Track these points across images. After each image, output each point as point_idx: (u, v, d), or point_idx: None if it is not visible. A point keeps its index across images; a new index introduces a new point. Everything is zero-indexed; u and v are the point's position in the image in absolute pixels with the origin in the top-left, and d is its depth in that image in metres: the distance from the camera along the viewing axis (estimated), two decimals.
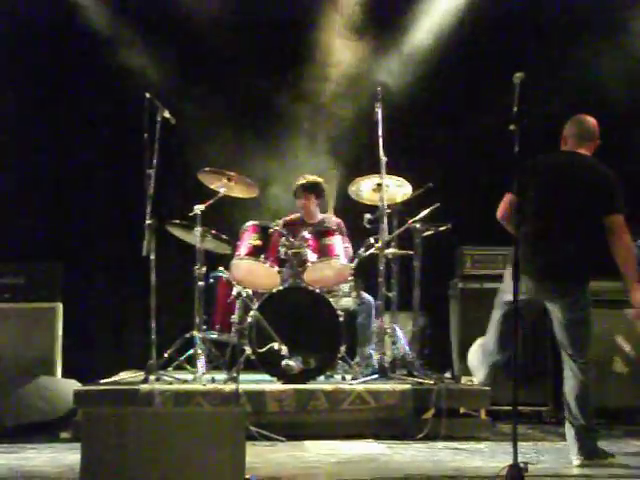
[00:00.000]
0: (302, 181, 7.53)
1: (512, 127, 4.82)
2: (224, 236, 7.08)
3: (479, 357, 5.61)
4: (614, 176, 5.37)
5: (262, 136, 8.45)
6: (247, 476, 4.20)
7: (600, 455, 5.30)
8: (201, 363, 6.70)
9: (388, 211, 6.89)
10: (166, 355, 6.83)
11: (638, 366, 7.23)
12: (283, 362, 6.46)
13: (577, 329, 5.38)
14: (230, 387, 6.20)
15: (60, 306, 7.22)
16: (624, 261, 5.32)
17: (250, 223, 7.04)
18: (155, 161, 6.69)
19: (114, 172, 8.12)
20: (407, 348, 6.94)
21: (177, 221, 7.02)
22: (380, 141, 6.84)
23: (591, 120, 5.55)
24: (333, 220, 7.60)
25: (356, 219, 7.23)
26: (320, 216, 7.67)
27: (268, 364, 6.58)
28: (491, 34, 8.31)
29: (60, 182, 8.22)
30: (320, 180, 7.53)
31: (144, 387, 6.27)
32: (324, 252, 6.92)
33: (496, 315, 5.52)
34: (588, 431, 5.29)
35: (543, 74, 7.91)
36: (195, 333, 6.83)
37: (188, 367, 6.89)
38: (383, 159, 6.82)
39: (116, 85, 8.16)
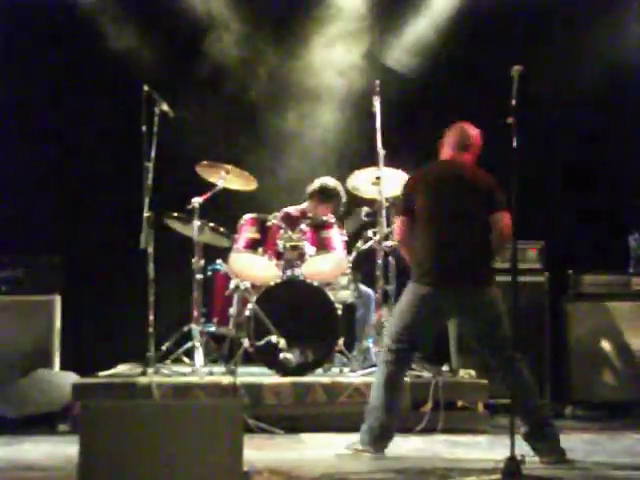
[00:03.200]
0: (325, 185, 7.41)
1: (510, 120, 4.82)
2: (222, 229, 7.07)
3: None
4: (492, 177, 5.41)
5: (260, 129, 8.44)
6: (245, 468, 4.21)
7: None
8: (199, 356, 6.70)
9: (386, 204, 6.89)
10: (164, 348, 6.84)
11: (632, 358, 7.26)
12: (281, 355, 6.47)
13: (497, 325, 5.28)
14: (228, 380, 6.21)
15: (58, 299, 7.22)
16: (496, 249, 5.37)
17: (248, 216, 7.04)
18: (153, 154, 6.68)
19: (112, 165, 8.09)
20: None
21: (175, 214, 7.01)
22: (378, 134, 6.84)
23: (471, 129, 5.58)
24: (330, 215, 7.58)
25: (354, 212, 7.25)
26: None
27: (266, 357, 6.59)
28: (492, 26, 8.30)
29: (58, 175, 8.19)
30: (340, 188, 7.47)
31: (142, 380, 6.28)
32: (322, 245, 6.92)
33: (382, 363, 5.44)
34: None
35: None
36: (193, 326, 6.83)
37: (186, 360, 6.89)
38: (381, 152, 6.82)
39: (114, 77, 8.14)
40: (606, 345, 7.27)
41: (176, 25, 8.29)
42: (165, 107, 6.84)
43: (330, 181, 7.42)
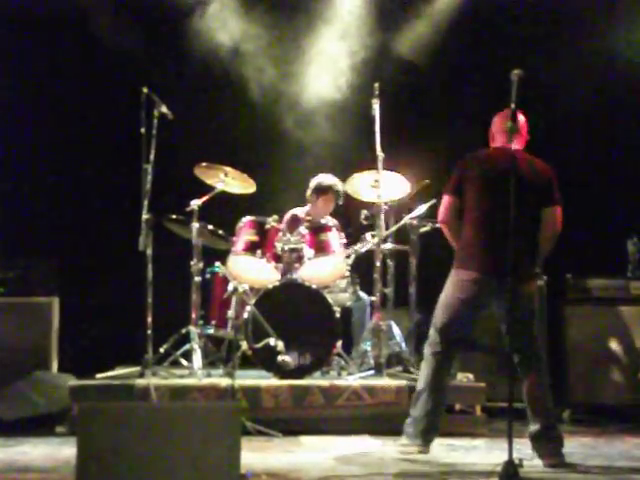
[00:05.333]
0: (322, 181, 7.42)
1: (509, 124, 4.83)
2: (221, 232, 7.08)
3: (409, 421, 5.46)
4: (550, 168, 5.42)
5: (260, 131, 8.45)
6: (243, 471, 4.21)
7: None
8: (197, 358, 6.70)
9: (385, 207, 6.90)
10: (162, 350, 6.84)
11: (630, 362, 7.26)
12: (279, 358, 6.46)
13: (529, 322, 5.33)
14: (226, 382, 6.20)
15: (56, 301, 7.22)
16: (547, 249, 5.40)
17: (247, 219, 7.04)
18: (152, 156, 6.68)
19: (111, 167, 8.10)
20: (403, 344, 6.94)
21: (174, 216, 7.01)
22: (377, 137, 6.84)
23: (520, 115, 5.49)
24: (329, 218, 7.58)
25: (353, 215, 7.25)
26: None
27: (264, 360, 6.58)
28: (493, 28, 8.31)
29: (57, 177, 8.20)
30: (337, 182, 7.45)
31: (140, 382, 6.28)
32: (320, 248, 6.92)
33: (429, 358, 5.45)
34: None
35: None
36: (191, 328, 6.83)
37: (184, 362, 6.88)
38: (380, 155, 6.83)
39: (113, 79, 8.15)
40: (605, 349, 7.27)
41: (175, 25, 8.29)
42: (164, 109, 6.84)
43: (326, 176, 7.45)
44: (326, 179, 7.43)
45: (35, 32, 8.16)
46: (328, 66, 8.44)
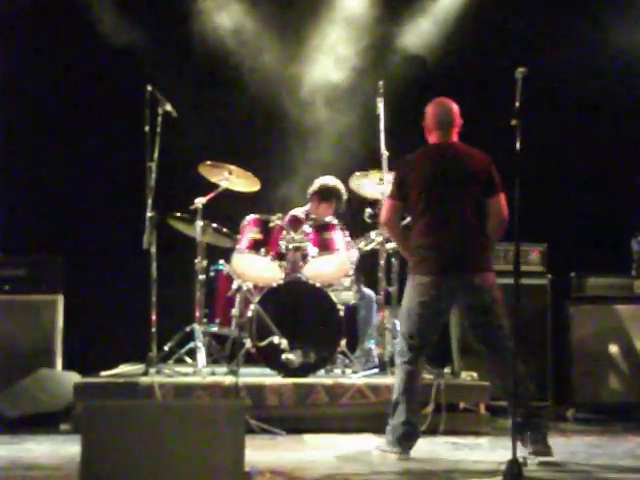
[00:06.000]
0: (325, 185, 7.41)
1: (514, 122, 4.82)
2: (225, 230, 7.08)
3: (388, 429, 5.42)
4: (487, 157, 5.39)
5: (263, 130, 8.45)
6: (246, 469, 4.21)
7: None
8: (201, 356, 6.71)
9: None
10: (166, 348, 6.84)
11: (634, 361, 7.25)
12: (283, 356, 6.47)
13: (491, 313, 5.27)
14: (230, 380, 6.21)
15: (61, 298, 7.22)
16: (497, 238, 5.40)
17: (251, 217, 7.04)
18: (156, 154, 6.69)
19: (115, 165, 8.10)
20: None
21: (178, 214, 7.02)
22: (382, 136, 6.84)
23: (451, 103, 5.52)
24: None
25: (357, 213, 7.25)
26: None
27: (268, 358, 6.59)
28: (497, 30, 8.31)
29: (61, 174, 8.20)
30: (340, 186, 7.44)
31: (144, 380, 6.29)
32: (325, 246, 6.92)
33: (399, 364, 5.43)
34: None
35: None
36: (195, 326, 6.84)
37: (188, 360, 6.89)
38: (385, 153, 6.82)
39: (117, 77, 8.15)
40: (609, 348, 7.26)
41: (180, 25, 8.29)
42: (168, 107, 6.84)
43: (329, 180, 7.43)
44: (330, 184, 7.39)
45: (35, 31, 8.17)
46: (333, 63, 8.45)
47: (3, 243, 7.46)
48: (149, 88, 6.71)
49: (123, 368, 7.03)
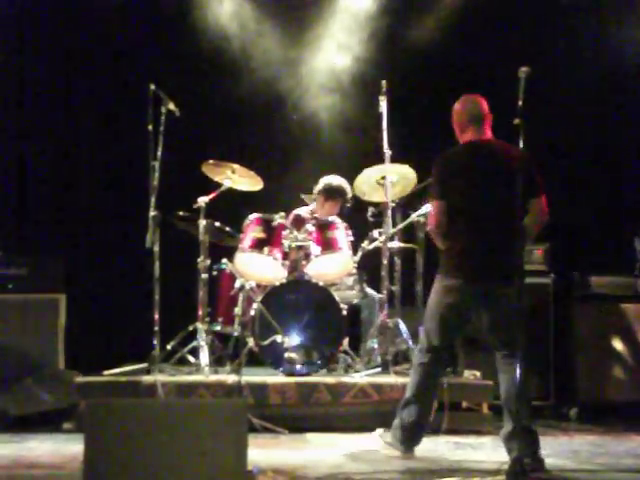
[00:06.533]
0: (330, 184, 7.39)
1: (517, 121, 4.81)
2: (228, 228, 7.08)
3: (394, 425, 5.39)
4: (528, 154, 5.04)
5: (267, 128, 8.45)
6: (249, 468, 4.21)
7: None
8: (204, 355, 6.70)
9: (392, 205, 6.89)
10: (169, 347, 6.84)
11: (637, 360, 7.25)
12: (286, 355, 6.47)
13: (515, 320, 5.05)
14: (233, 379, 6.21)
15: (63, 297, 7.21)
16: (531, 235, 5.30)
17: (254, 216, 7.04)
18: (159, 153, 6.69)
19: (118, 163, 8.11)
20: (410, 342, 6.93)
21: (181, 213, 7.02)
22: (385, 134, 6.83)
23: (479, 97, 5.41)
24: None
25: (360, 212, 7.25)
26: None
27: (271, 357, 6.59)
28: (498, 26, 8.30)
29: (64, 174, 8.21)
30: (345, 185, 7.41)
31: (147, 379, 6.29)
32: (328, 245, 6.92)
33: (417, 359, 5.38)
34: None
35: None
36: (198, 325, 6.84)
37: (191, 359, 6.89)
38: (387, 152, 6.82)
39: (120, 76, 8.16)
40: (612, 347, 7.26)
41: (183, 23, 8.30)
42: (171, 106, 6.84)
43: (334, 179, 7.42)
44: (334, 183, 7.38)
45: (37, 29, 8.18)
46: (335, 62, 8.45)
47: (5, 242, 7.45)
48: (152, 87, 6.71)
49: (126, 367, 7.02)
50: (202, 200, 6.93)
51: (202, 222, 6.90)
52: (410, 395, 5.31)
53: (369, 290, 7.28)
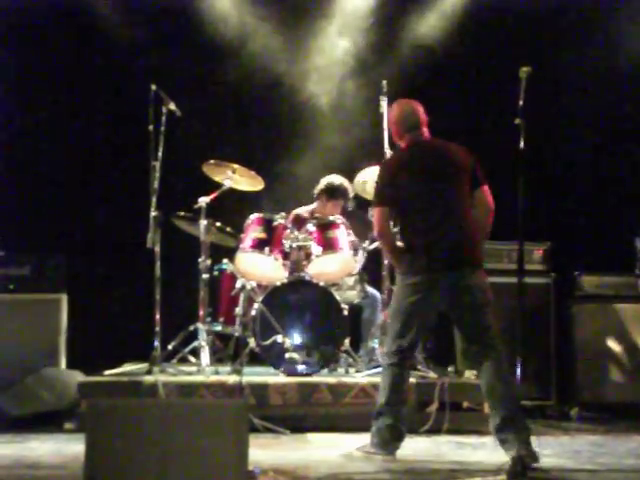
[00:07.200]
0: (331, 183, 7.41)
1: (518, 121, 4.82)
2: (229, 229, 7.08)
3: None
4: (468, 150, 5.28)
5: (267, 129, 8.45)
6: (250, 468, 4.21)
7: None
8: (205, 355, 6.71)
9: None
10: (170, 347, 6.84)
11: (638, 359, 7.25)
12: (287, 355, 6.47)
13: (481, 311, 5.17)
14: (234, 379, 6.21)
15: (65, 297, 7.22)
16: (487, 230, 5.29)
17: (255, 216, 7.04)
18: (160, 153, 6.69)
19: (119, 164, 8.11)
20: None
21: (182, 213, 7.02)
22: (385, 134, 6.84)
23: (412, 102, 5.47)
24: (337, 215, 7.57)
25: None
26: None
27: (272, 357, 6.59)
28: (499, 28, 8.30)
29: (65, 174, 8.21)
30: (347, 185, 7.44)
31: (148, 379, 6.29)
32: (328, 245, 6.92)
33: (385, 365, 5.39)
34: None
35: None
36: (199, 325, 6.84)
37: (192, 359, 6.90)
38: (388, 152, 6.82)
39: (121, 76, 8.17)
40: (612, 347, 7.26)
41: (184, 23, 8.30)
42: (172, 106, 6.85)
43: (336, 179, 7.43)
44: (337, 182, 7.40)
45: (38, 30, 8.18)
46: (336, 62, 8.46)
47: (7, 242, 7.45)
48: (153, 87, 6.71)
49: (127, 367, 7.04)
50: (203, 200, 6.93)
51: (203, 222, 6.90)
52: (384, 399, 5.28)
53: (371, 290, 7.28)
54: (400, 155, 5.47)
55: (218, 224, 7.02)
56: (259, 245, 6.90)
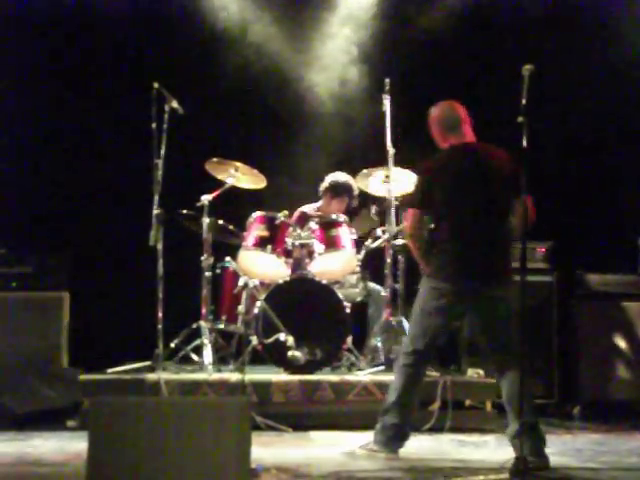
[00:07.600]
0: (336, 181, 7.43)
1: (520, 119, 4.80)
2: (231, 227, 7.08)
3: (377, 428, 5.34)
4: (511, 156, 5.16)
5: (270, 127, 8.45)
6: (253, 466, 4.22)
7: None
8: (207, 353, 6.71)
9: (396, 203, 6.89)
10: (173, 345, 6.85)
11: None
12: (289, 353, 6.47)
13: (507, 322, 5.14)
14: (236, 377, 6.22)
15: (67, 295, 7.21)
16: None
17: (257, 214, 7.05)
18: (163, 151, 6.69)
19: (122, 162, 8.11)
20: None
21: (184, 211, 7.02)
22: (388, 132, 6.84)
23: (452, 102, 5.42)
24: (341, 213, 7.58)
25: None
26: None
27: (274, 355, 6.59)
28: (503, 25, 8.30)
29: (68, 172, 8.21)
30: (351, 182, 7.43)
31: (150, 377, 6.30)
32: (331, 243, 6.92)
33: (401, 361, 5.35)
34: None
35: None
36: (202, 323, 6.84)
37: (194, 357, 6.90)
38: (391, 150, 6.83)
39: (124, 75, 8.17)
40: (615, 345, 7.26)
41: (185, 22, 8.30)
42: (175, 104, 6.85)
43: (340, 176, 7.44)
44: (341, 180, 7.41)
45: (38, 29, 8.18)
46: (339, 60, 8.45)
47: (9, 240, 7.45)
48: (155, 85, 6.71)
49: (129, 365, 7.03)
50: (205, 198, 6.93)
51: (205, 220, 6.91)
52: (394, 398, 5.26)
53: (374, 286, 7.28)
54: (439, 158, 5.36)
55: (220, 222, 7.02)
56: (262, 243, 6.91)
